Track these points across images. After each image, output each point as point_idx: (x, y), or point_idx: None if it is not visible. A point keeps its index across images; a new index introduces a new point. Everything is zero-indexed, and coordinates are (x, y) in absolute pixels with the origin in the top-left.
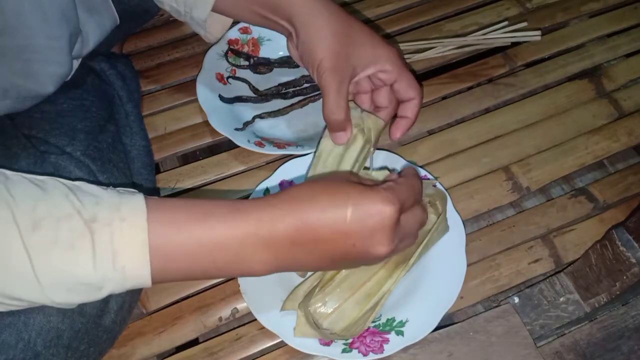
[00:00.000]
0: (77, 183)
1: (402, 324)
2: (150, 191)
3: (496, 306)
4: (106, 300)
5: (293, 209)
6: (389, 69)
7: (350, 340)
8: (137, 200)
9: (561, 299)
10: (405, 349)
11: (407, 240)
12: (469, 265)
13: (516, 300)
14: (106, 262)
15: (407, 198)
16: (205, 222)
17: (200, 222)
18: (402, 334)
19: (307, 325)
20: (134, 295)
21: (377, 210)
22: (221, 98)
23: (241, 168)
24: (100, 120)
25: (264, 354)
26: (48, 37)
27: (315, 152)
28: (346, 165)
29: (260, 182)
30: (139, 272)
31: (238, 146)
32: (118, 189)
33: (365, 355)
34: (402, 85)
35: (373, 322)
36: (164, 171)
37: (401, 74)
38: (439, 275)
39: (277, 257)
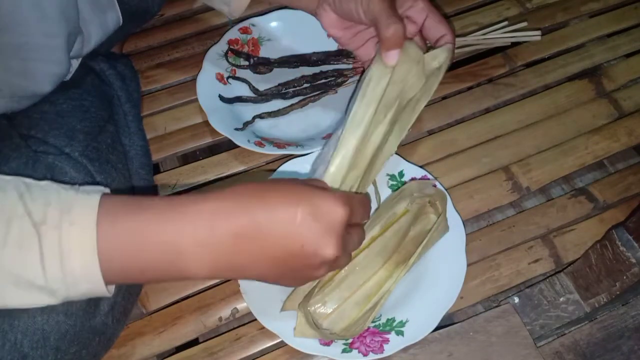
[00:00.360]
0: (42, 183)
1: (402, 324)
2: (149, 191)
3: (496, 306)
4: (95, 301)
5: (239, 204)
6: (421, 5)
7: (350, 340)
8: (90, 201)
9: (561, 299)
10: (405, 349)
11: (345, 257)
12: (469, 265)
13: (516, 300)
14: (54, 266)
15: (357, 210)
16: (139, 216)
17: (135, 216)
18: (402, 334)
19: (307, 325)
20: (128, 297)
21: (329, 210)
22: (221, 98)
23: (241, 168)
24: (99, 120)
25: (264, 354)
26: (45, 36)
27: (360, 80)
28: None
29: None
30: (89, 276)
31: (238, 146)
32: (80, 187)
33: (365, 355)
34: (432, 21)
35: (373, 322)
36: (163, 171)
37: (431, 9)
38: (439, 275)
39: (217, 258)
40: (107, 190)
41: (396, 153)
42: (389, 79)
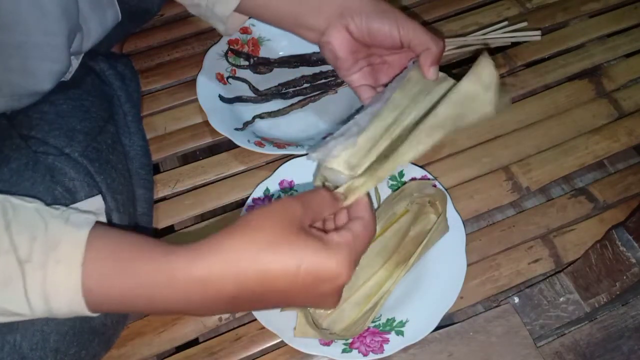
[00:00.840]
0: (29, 206)
1: (402, 324)
2: (148, 192)
3: (496, 306)
4: None
5: (233, 276)
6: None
7: (350, 340)
8: (78, 237)
9: (561, 299)
10: (405, 349)
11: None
12: (469, 265)
13: (516, 300)
14: (39, 304)
15: (362, 250)
16: (127, 273)
17: (123, 272)
18: (402, 334)
19: (307, 325)
20: None
21: (329, 277)
22: (221, 98)
23: (241, 168)
24: (99, 120)
25: (264, 354)
26: (46, 34)
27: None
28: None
29: (260, 182)
30: (75, 312)
31: (238, 146)
32: (71, 215)
33: (365, 355)
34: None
35: (373, 322)
36: (163, 171)
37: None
38: (439, 275)
39: (212, 312)
40: (98, 217)
41: None
42: (422, 88)
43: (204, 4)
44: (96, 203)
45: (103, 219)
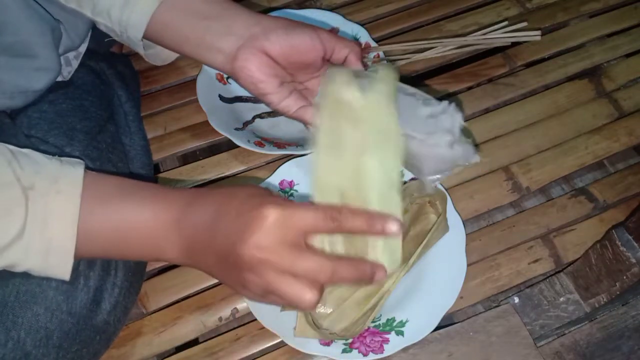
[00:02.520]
0: (24, 150)
1: (402, 324)
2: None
3: (496, 306)
4: (97, 300)
5: (209, 204)
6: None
7: (350, 340)
8: (76, 174)
9: (561, 299)
10: (405, 349)
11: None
12: (469, 265)
13: (516, 300)
14: (35, 230)
15: (301, 217)
16: (125, 203)
17: (117, 198)
18: (402, 334)
19: (307, 325)
20: (129, 296)
21: (257, 210)
22: (221, 98)
23: (241, 168)
24: (99, 120)
25: (264, 354)
26: (33, 33)
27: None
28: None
29: (260, 182)
30: (64, 246)
31: (238, 146)
32: (62, 158)
33: (365, 355)
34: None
35: (373, 322)
36: (164, 171)
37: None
38: (439, 275)
39: (186, 244)
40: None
41: None
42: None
43: (118, 30)
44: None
45: None
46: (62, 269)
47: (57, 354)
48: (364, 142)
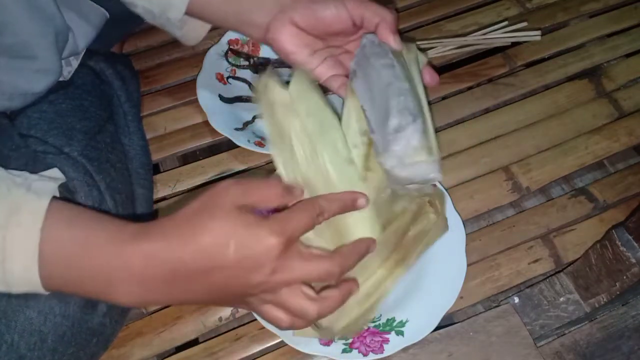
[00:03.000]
0: None
1: (402, 324)
2: (148, 191)
3: (496, 306)
4: (93, 302)
5: (171, 249)
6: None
7: (350, 340)
8: (39, 204)
9: (561, 299)
10: (405, 349)
11: (286, 273)
12: (469, 265)
13: (516, 300)
14: None
15: (297, 228)
16: (79, 238)
17: (80, 246)
18: (402, 334)
19: None
20: None
21: (260, 247)
22: (221, 98)
23: (241, 168)
24: (99, 120)
25: (264, 354)
26: (34, 35)
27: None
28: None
29: None
30: (27, 279)
31: (238, 146)
32: (33, 184)
33: (365, 355)
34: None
35: (373, 322)
36: (163, 171)
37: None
38: (439, 275)
39: (147, 294)
40: (56, 192)
41: None
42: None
43: (157, 12)
44: (55, 174)
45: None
46: (38, 292)
47: (53, 357)
48: (306, 131)
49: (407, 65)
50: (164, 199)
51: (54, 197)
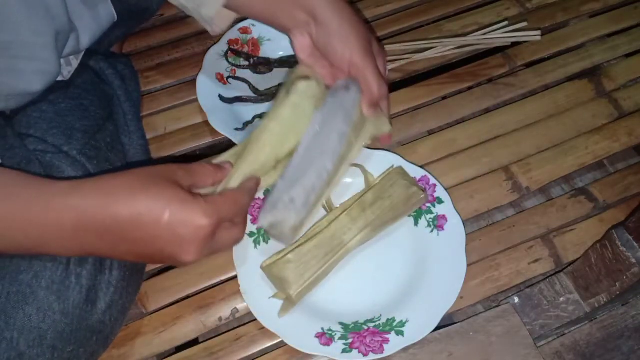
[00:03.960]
0: None
1: (402, 324)
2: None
3: (496, 306)
4: (92, 300)
5: (106, 206)
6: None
7: (350, 340)
8: None
9: (561, 299)
10: (405, 349)
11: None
12: (469, 265)
13: (516, 300)
14: None
15: (228, 214)
16: (11, 201)
17: (7, 200)
18: (402, 334)
19: (287, 303)
20: (126, 296)
21: (193, 222)
22: (221, 98)
23: None
24: (99, 119)
25: (264, 354)
26: (34, 33)
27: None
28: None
29: None
30: None
31: None
32: None
33: (365, 355)
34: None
35: (373, 322)
36: None
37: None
38: (439, 275)
39: (82, 247)
40: None
41: (396, 153)
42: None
43: (191, 7)
44: None
45: None
46: None
47: (52, 354)
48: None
49: (362, 129)
50: None
51: None
